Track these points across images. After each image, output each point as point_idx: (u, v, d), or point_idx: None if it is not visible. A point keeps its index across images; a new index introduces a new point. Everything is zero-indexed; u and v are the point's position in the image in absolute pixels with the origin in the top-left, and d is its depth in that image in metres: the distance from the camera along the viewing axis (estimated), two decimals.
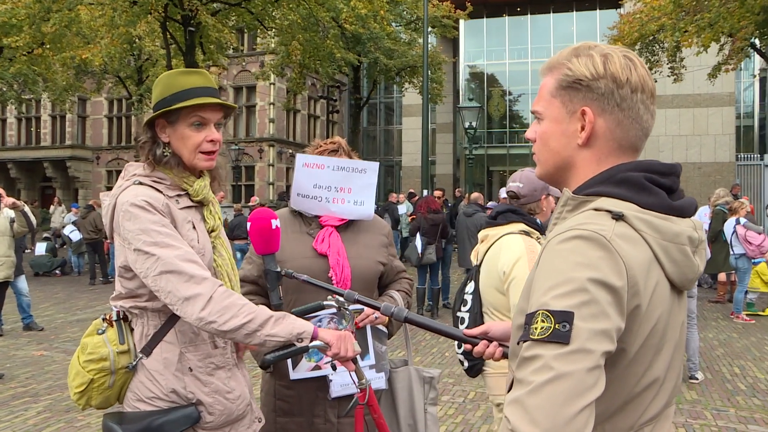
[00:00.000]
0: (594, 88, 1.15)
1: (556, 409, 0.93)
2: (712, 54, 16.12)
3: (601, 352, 0.97)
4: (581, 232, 1.06)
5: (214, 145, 1.94)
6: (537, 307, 1.02)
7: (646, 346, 1.08)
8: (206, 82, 1.94)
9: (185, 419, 1.84)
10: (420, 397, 2.63)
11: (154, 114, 1.91)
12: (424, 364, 6.81)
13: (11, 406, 5.47)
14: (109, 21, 14.97)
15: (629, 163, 1.17)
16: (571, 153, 1.20)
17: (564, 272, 1.03)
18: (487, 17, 31.15)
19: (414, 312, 1.89)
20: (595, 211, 1.11)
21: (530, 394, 0.95)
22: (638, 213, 1.10)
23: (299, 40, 17.30)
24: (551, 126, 1.22)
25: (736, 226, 9.29)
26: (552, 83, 1.21)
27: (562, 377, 0.94)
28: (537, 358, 0.98)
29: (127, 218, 1.81)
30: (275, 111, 30.00)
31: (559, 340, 0.97)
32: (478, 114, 16.86)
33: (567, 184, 1.23)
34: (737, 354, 7.32)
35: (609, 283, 1.01)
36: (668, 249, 1.10)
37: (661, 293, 1.09)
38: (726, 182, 22.26)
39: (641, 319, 1.06)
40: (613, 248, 1.04)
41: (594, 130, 1.16)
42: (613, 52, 1.17)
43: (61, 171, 32.69)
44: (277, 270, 2.13)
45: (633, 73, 1.15)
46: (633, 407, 1.11)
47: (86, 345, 1.89)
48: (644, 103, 1.16)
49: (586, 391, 0.94)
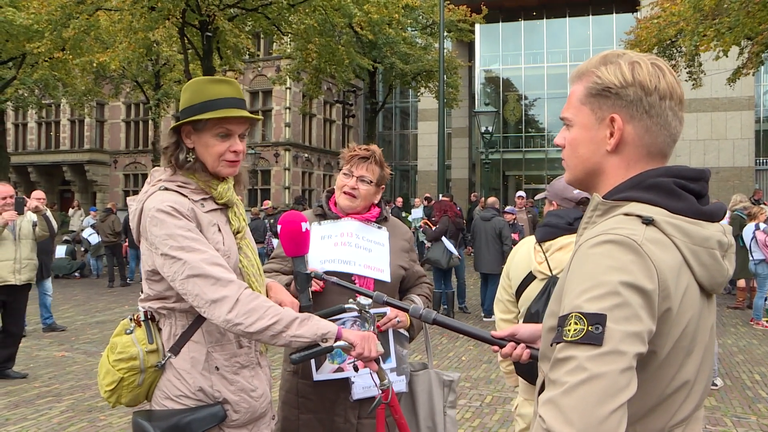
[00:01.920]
0: (623, 95, 1.17)
1: (590, 409, 0.95)
2: (730, 58, 15.99)
3: (634, 354, 0.99)
4: (613, 237, 1.08)
5: (237, 155, 1.99)
6: (570, 309, 1.04)
7: (677, 349, 1.10)
8: (235, 92, 1.98)
9: (212, 417, 1.88)
10: (440, 399, 2.66)
11: (182, 121, 1.95)
12: (441, 367, 6.81)
13: (36, 405, 5.55)
14: (127, 26, 15.17)
15: (658, 168, 1.19)
16: (600, 159, 1.22)
17: (596, 276, 1.05)
18: (503, 21, 31.13)
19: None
20: (626, 216, 1.13)
21: (564, 395, 0.97)
22: (668, 218, 1.12)
23: (315, 44, 17.41)
24: (581, 132, 1.24)
25: (755, 231, 9.19)
26: (581, 90, 1.23)
27: (595, 378, 0.97)
28: (571, 360, 1.00)
29: (153, 224, 1.85)
30: (291, 115, 30.16)
31: (592, 341, 0.99)
32: (494, 119, 16.84)
33: (596, 189, 1.25)
34: (757, 361, 7.24)
35: (641, 286, 1.03)
36: (698, 253, 1.12)
37: (691, 296, 1.11)
38: (745, 187, 22.05)
39: (672, 322, 1.08)
40: (644, 252, 1.05)
41: (623, 137, 1.19)
42: (641, 60, 1.19)
43: (79, 175, 33.12)
44: (306, 272, 2.16)
45: (661, 81, 1.17)
46: (664, 409, 1.13)
47: (116, 344, 1.94)
48: (672, 110, 1.19)
49: (619, 392, 0.96)
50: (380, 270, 2.56)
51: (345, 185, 2.59)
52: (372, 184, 2.60)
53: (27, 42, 15.69)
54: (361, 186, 2.57)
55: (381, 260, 2.58)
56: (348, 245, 2.55)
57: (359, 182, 2.57)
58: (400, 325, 2.52)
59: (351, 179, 2.58)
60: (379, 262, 2.57)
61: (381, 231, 2.64)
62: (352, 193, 2.58)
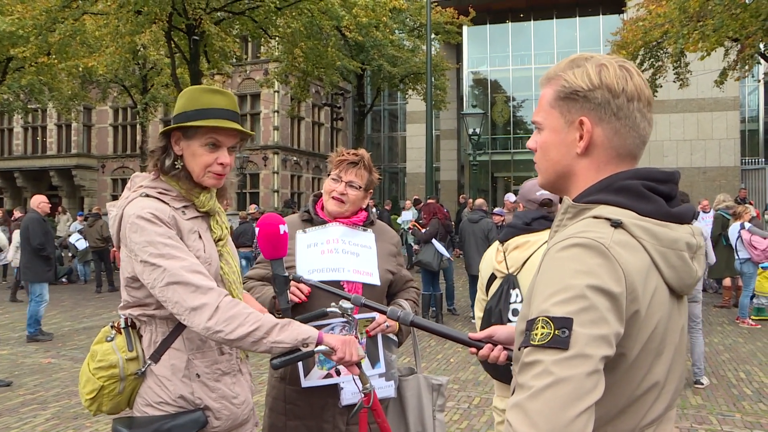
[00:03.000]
0: (591, 98, 1.18)
1: (555, 412, 0.96)
2: (716, 59, 16.14)
3: (600, 357, 1.00)
4: (580, 240, 1.08)
5: (224, 168, 1.98)
6: (537, 313, 1.05)
7: (646, 351, 1.11)
8: (230, 105, 1.97)
9: (193, 424, 1.88)
10: (429, 404, 2.66)
11: (173, 126, 1.94)
12: (429, 370, 6.82)
13: (20, 413, 5.50)
14: (113, 30, 15.08)
15: (628, 171, 1.20)
16: (570, 162, 1.23)
17: (563, 279, 1.05)
18: (491, 23, 31.27)
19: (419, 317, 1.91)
20: (594, 219, 1.14)
21: (530, 399, 0.98)
22: (636, 220, 1.12)
23: (302, 47, 17.39)
24: (551, 136, 1.25)
25: (741, 230, 9.27)
26: (550, 94, 1.24)
27: (561, 382, 0.97)
28: (537, 364, 1.01)
29: (133, 230, 1.84)
30: (279, 119, 30.10)
31: (558, 345, 1.00)
32: (481, 120, 16.89)
33: (568, 192, 1.26)
34: (743, 359, 7.31)
35: (607, 289, 1.03)
36: (666, 255, 1.13)
37: (660, 298, 1.12)
38: (731, 186, 22.25)
39: (640, 324, 1.08)
40: (612, 255, 1.06)
41: (592, 139, 1.19)
42: (608, 62, 1.19)
43: (66, 180, 32.87)
44: (285, 275, 2.16)
45: (629, 83, 1.18)
46: (634, 410, 1.13)
47: (96, 352, 1.93)
48: (641, 112, 1.19)
49: (585, 395, 0.97)
50: (369, 273, 2.55)
51: (334, 190, 2.57)
52: (361, 189, 2.59)
53: (11, 47, 15.57)
54: (350, 191, 2.56)
55: (369, 264, 2.57)
56: (335, 252, 2.54)
57: (348, 187, 2.56)
58: (389, 330, 2.51)
59: (340, 184, 2.57)
60: (368, 266, 2.57)
61: (367, 234, 2.64)
62: (341, 199, 2.56)
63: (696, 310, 6.20)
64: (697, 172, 25.64)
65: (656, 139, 25.81)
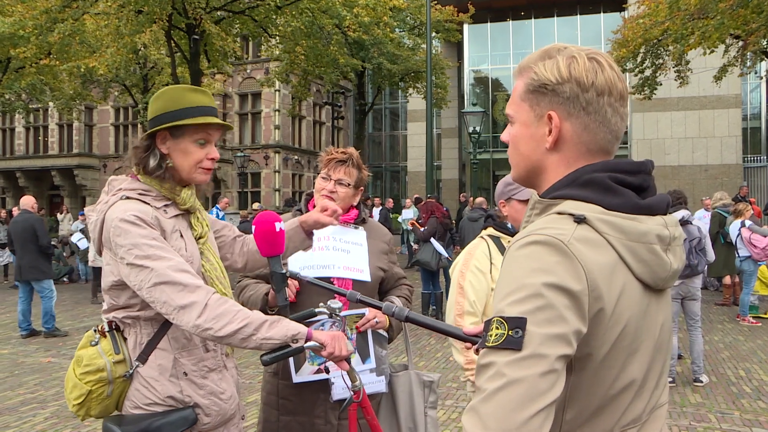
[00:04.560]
0: (559, 92, 1.14)
1: (507, 415, 0.93)
2: (717, 56, 16.09)
3: (556, 356, 0.97)
4: (538, 237, 1.05)
5: (213, 163, 2.02)
6: (494, 314, 1.03)
7: (617, 349, 1.07)
8: (211, 102, 2.01)
9: (183, 421, 1.89)
10: (420, 400, 2.66)
11: (163, 125, 1.94)
12: (429, 368, 6.83)
13: (20, 412, 5.52)
14: (114, 30, 15.10)
15: (596, 164, 1.16)
16: (540, 157, 1.19)
17: (519, 278, 1.03)
18: (491, 22, 31.24)
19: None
20: (558, 215, 1.11)
21: (483, 402, 0.96)
22: (601, 215, 1.09)
23: (303, 46, 17.39)
24: (521, 129, 1.22)
25: (741, 228, 9.25)
26: (521, 86, 1.20)
27: (513, 383, 0.95)
28: (491, 366, 0.98)
29: (117, 234, 1.84)
30: (280, 118, 30.12)
31: (511, 346, 0.97)
32: (482, 118, 16.87)
33: (539, 187, 1.23)
34: (743, 357, 7.30)
35: (566, 287, 1.00)
36: (635, 249, 1.10)
37: (629, 295, 1.08)
38: (733, 184, 22.20)
39: (607, 322, 1.05)
40: (571, 252, 1.03)
41: (561, 134, 1.16)
42: (579, 54, 1.15)
43: (68, 179, 32.91)
44: (282, 272, 2.16)
45: (599, 76, 1.13)
46: (610, 410, 1.11)
47: (81, 357, 1.93)
48: (612, 106, 1.15)
49: (539, 396, 0.95)
50: (359, 270, 2.57)
51: (323, 189, 2.60)
52: (350, 187, 2.61)
53: (12, 48, 15.59)
54: (340, 189, 2.58)
55: (360, 260, 2.59)
56: (326, 249, 2.56)
57: (337, 185, 2.58)
58: (379, 325, 2.53)
59: (329, 182, 2.59)
60: (358, 263, 2.58)
61: (358, 231, 2.65)
62: (331, 197, 2.58)
63: (695, 308, 6.20)
64: (699, 170, 25.59)
65: (658, 137, 25.77)
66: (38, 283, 8.88)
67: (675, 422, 5.15)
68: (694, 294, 6.17)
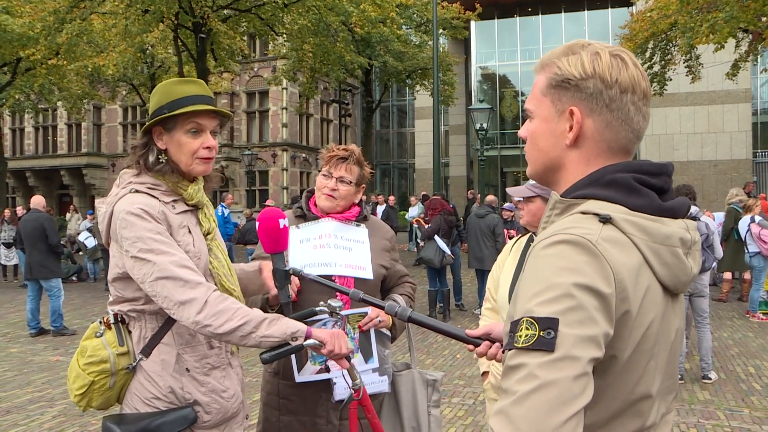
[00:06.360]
0: (582, 87, 1.12)
1: (541, 418, 0.90)
2: (727, 50, 15.95)
3: (588, 359, 0.95)
4: (566, 237, 1.03)
5: (211, 151, 1.99)
6: (522, 314, 1.00)
7: (639, 352, 1.05)
8: (202, 90, 1.99)
9: (182, 420, 1.89)
10: (423, 399, 2.65)
11: (151, 121, 1.95)
12: (435, 365, 6.81)
13: (28, 411, 5.55)
14: (122, 30, 15.17)
15: (618, 164, 1.14)
16: (559, 153, 1.17)
17: (548, 278, 1.00)
18: (498, 18, 31.13)
19: (426, 314, 1.90)
20: (582, 215, 1.08)
21: (515, 404, 0.93)
22: (627, 215, 1.07)
23: (309, 44, 17.40)
24: (541, 125, 1.19)
25: (750, 224, 9.18)
26: (543, 81, 1.18)
27: (547, 386, 0.92)
28: (522, 367, 0.95)
29: (123, 226, 1.86)
30: (288, 115, 30.16)
31: (543, 347, 0.94)
32: (489, 115, 16.81)
33: (557, 184, 1.21)
34: (752, 353, 7.24)
35: (596, 288, 0.98)
36: (659, 252, 1.08)
37: (652, 297, 1.07)
38: (743, 180, 22.00)
39: (632, 324, 1.03)
40: (600, 252, 1.01)
41: (582, 131, 1.14)
42: (603, 51, 1.13)
43: (77, 179, 33.14)
44: (285, 269, 2.15)
45: (622, 73, 1.12)
46: (631, 415, 1.08)
47: (85, 348, 1.94)
48: (635, 105, 1.13)
49: (572, 399, 0.92)
50: (362, 268, 2.55)
51: (325, 186, 2.58)
52: (351, 185, 2.59)
53: (21, 49, 15.69)
54: (341, 187, 2.57)
55: (362, 258, 2.57)
56: (327, 247, 2.54)
57: (339, 183, 2.57)
58: (382, 324, 2.51)
59: (330, 180, 2.57)
60: (360, 260, 2.56)
61: (360, 229, 2.64)
62: (332, 194, 2.57)
63: (703, 305, 6.15)
64: (708, 165, 25.42)
65: (666, 132, 25.59)
66: (47, 282, 8.96)
67: (683, 419, 5.12)
68: (702, 291, 6.12)
